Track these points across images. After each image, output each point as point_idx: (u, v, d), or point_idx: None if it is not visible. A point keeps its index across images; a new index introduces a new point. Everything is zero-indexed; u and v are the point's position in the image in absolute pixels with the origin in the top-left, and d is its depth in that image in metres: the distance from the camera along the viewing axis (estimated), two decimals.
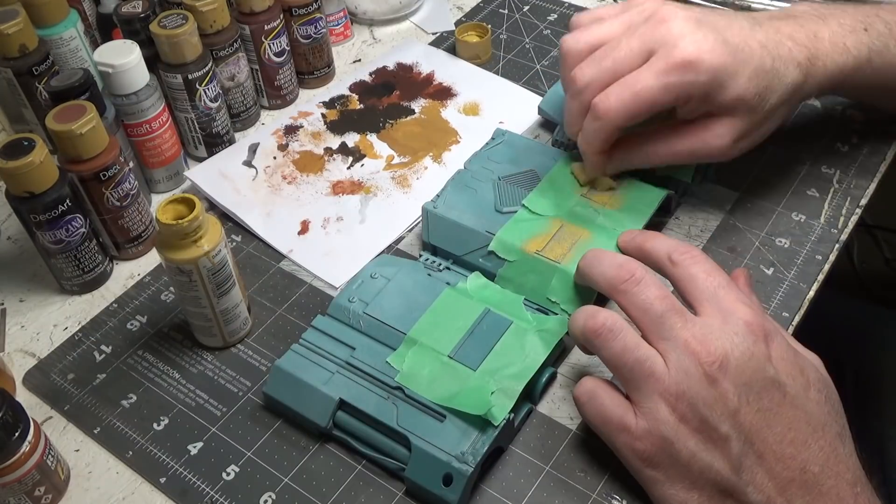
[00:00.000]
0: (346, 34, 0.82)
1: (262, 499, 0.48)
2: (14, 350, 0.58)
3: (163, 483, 0.49)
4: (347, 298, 0.54)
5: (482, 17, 0.83)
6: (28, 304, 0.61)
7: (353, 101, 0.74)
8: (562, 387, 0.52)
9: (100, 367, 0.56)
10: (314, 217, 0.64)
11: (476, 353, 0.50)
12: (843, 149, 0.65)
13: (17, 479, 0.46)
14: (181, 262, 0.49)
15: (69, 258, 0.58)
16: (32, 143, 0.53)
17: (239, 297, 0.54)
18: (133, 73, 0.61)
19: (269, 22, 0.69)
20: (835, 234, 0.59)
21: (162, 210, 0.49)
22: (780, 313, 0.55)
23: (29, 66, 0.63)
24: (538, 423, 0.50)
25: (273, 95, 0.74)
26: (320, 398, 0.49)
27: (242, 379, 0.54)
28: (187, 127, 0.68)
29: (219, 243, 0.50)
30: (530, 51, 0.78)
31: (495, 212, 0.58)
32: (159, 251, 0.50)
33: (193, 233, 0.49)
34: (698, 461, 0.41)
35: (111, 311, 0.59)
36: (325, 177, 0.67)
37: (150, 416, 0.53)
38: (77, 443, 0.52)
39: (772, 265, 0.57)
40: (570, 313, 0.52)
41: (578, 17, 0.58)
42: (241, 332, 0.56)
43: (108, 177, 0.57)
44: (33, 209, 0.55)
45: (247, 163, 0.68)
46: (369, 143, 0.70)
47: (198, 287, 0.51)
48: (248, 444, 0.51)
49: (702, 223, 0.60)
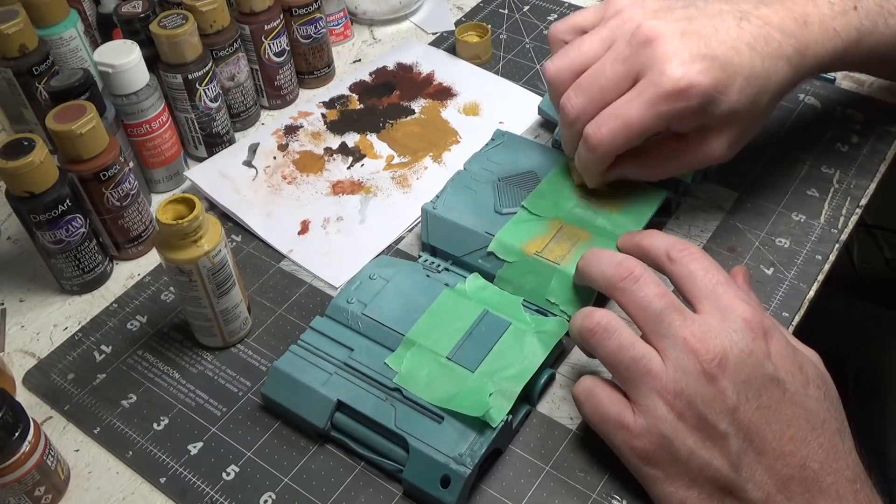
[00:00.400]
0: (346, 34, 0.82)
1: (262, 499, 0.48)
2: (14, 350, 0.58)
3: (163, 483, 0.49)
4: (346, 299, 0.54)
5: (482, 17, 0.83)
6: (28, 304, 0.61)
7: (353, 101, 0.74)
8: (561, 387, 0.52)
9: (100, 367, 0.56)
10: (314, 217, 0.64)
11: (474, 354, 0.50)
12: (843, 149, 0.65)
13: (17, 479, 0.46)
14: (181, 262, 0.49)
15: (69, 258, 0.58)
16: (32, 143, 0.54)
17: (239, 297, 0.54)
18: (133, 73, 0.61)
19: (269, 22, 0.69)
20: (835, 234, 0.59)
21: (162, 210, 0.49)
22: (780, 313, 0.54)
23: (29, 66, 0.64)
24: (538, 423, 0.50)
25: (273, 95, 0.74)
26: (318, 399, 0.49)
27: (242, 379, 0.54)
28: (187, 127, 0.68)
29: (219, 243, 0.50)
30: (530, 51, 0.78)
31: (495, 213, 0.58)
32: (159, 251, 0.50)
33: (193, 233, 0.49)
34: (697, 459, 0.41)
35: (111, 311, 0.59)
36: (325, 177, 0.67)
37: (150, 416, 0.53)
38: (77, 443, 0.52)
39: (772, 265, 0.57)
40: (570, 314, 0.52)
41: (557, 29, 0.56)
42: (241, 331, 0.56)
43: (108, 177, 0.57)
44: (33, 209, 0.55)
45: (247, 163, 0.68)
46: (369, 143, 0.70)
47: (198, 287, 0.51)
48: (248, 444, 0.51)
49: (702, 223, 0.60)
